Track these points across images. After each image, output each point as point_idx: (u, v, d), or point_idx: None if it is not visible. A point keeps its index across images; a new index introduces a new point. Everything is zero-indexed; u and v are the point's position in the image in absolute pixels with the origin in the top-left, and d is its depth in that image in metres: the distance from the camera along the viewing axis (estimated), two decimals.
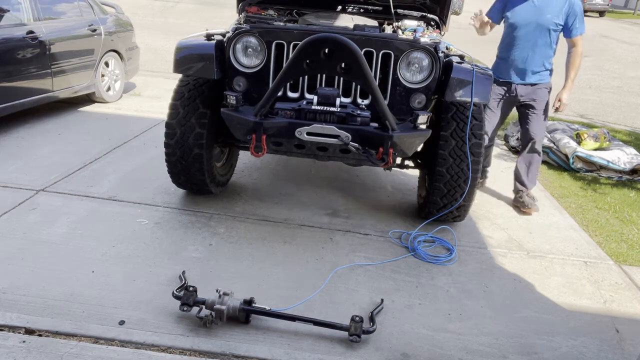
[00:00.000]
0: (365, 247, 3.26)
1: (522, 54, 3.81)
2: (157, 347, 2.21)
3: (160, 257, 2.91)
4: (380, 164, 3.04)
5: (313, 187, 4.19)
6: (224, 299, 2.36)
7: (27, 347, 2.12)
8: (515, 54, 3.83)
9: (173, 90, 3.38)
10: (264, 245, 3.16)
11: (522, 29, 3.76)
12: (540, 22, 3.71)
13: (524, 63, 3.82)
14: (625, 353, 2.50)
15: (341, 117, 2.93)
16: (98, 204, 3.49)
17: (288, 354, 2.24)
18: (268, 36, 3.04)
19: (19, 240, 2.94)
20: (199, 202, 3.65)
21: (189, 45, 3.18)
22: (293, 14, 3.83)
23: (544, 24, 3.70)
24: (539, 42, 3.76)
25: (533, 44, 3.77)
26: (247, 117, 2.93)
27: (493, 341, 2.47)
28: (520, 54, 3.81)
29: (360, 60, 2.72)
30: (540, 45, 3.76)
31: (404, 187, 4.38)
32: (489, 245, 3.45)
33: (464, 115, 3.24)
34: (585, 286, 3.07)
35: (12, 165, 4.00)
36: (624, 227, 3.97)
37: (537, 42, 3.76)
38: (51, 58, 5.11)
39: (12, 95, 4.70)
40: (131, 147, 4.68)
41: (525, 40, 3.78)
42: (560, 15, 3.71)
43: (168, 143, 3.34)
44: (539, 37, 3.74)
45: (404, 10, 3.99)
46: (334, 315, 2.49)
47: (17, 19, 4.83)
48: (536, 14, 3.71)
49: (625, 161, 5.17)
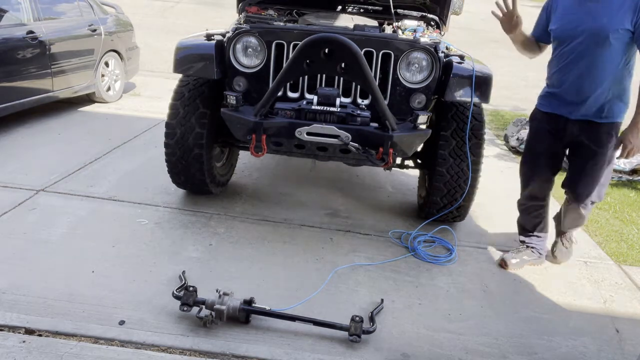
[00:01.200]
0: (365, 247, 3.26)
1: (574, 78, 2.76)
2: (157, 347, 2.21)
3: (160, 257, 2.91)
4: (380, 164, 3.04)
5: (313, 187, 4.19)
6: (224, 299, 2.36)
7: (27, 347, 2.11)
8: (565, 78, 2.81)
9: (173, 90, 3.38)
10: (264, 245, 3.16)
11: (570, 42, 2.73)
12: (595, 30, 2.63)
13: (577, 91, 2.76)
14: (625, 353, 2.50)
15: (341, 117, 2.93)
16: (98, 204, 3.49)
17: (288, 354, 2.24)
18: (268, 36, 3.04)
19: (19, 240, 2.94)
20: (199, 202, 3.65)
21: (189, 45, 3.18)
22: (293, 14, 3.83)
23: (600, 31, 2.61)
24: (598, 60, 2.67)
25: (590, 62, 2.69)
26: (247, 117, 2.93)
27: (493, 341, 2.47)
28: (571, 79, 2.77)
29: (360, 60, 2.72)
30: (600, 64, 2.67)
31: (404, 187, 4.38)
32: (489, 245, 3.45)
33: (464, 115, 3.24)
34: (585, 286, 3.07)
35: (12, 165, 4.00)
36: (624, 227, 3.97)
37: (596, 60, 2.67)
38: (51, 58, 5.11)
39: (12, 95, 4.71)
40: (131, 147, 4.68)
41: (577, 58, 2.72)
42: (627, 17, 2.58)
43: (168, 143, 3.34)
44: (597, 51, 2.65)
45: (404, 10, 3.99)
46: (334, 315, 2.49)
47: (17, 19, 4.83)
48: (589, 18, 2.65)
49: (625, 161, 5.17)
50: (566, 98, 2.83)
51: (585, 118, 2.80)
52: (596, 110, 2.77)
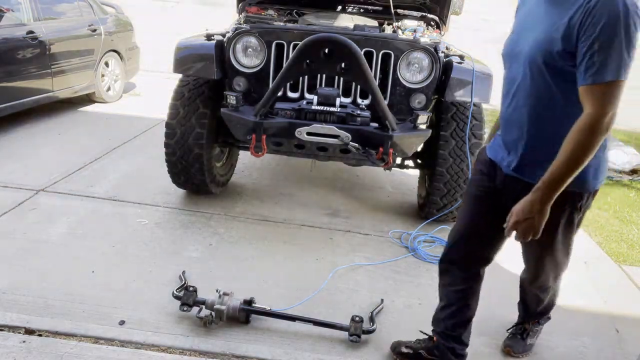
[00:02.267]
0: (365, 247, 3.26)
1: (510, 116, 1.82)
2: (157, 347, 2.21)
3: (160, 257, 2.91)
4: (380, 164, 3.04)
5: (313, 187, 4.19)
6: (224, 299, 2.36)
7: (27, 347, 2.11)
8: (502, 115, 1.89)
9: (173, 90, 3.38)
10: (264, 245, 3.16)
11: (509, 65, 1.84)
12: (529, 52, 1.68)
13: (512, 136, 1.82)
14: (625, 353, 2.50)
15: (341, 117, 2.93)
16: (98, 204, 3.49)
17: (288, 354, 2.24)
18: (268, 36, 3.04)
19: (19, 240, 2.94)
20: (199, 202, 3.65)
21: (189, 45, 3.18)
22: (293, 14, 3.83)
23: (534, 53, 1.66)
24: (535, 94, 1.70)
25: (525, 96, 1.74)
26: (247, 117, 2.93)
27: (493, 341, 2.47)
28: (507, 117, 1.85)
29: (360, 61, 2.72)
30: (536, 100, 1.70)
31: (404, 187, 4.38)
32: None
33: (464, 115, 3.25)
34: (585, 286, 3.07)
35: (12, 165, 4.00)
36: (624, 227, 3.97)
37: (530, 92, 1.71)
38: (51, 58, 5.11)
39: (12, 95, 4.71)
40: (131, 147, 4.68)
41: (514, 90, 1.79)
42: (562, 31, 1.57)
43: (168, 143, 3.34)
44: (531, 81, 1.69)
45: (404, 10, 3.99)
46: (334, 315, 2.49)
47: (17, 19, 4.83)
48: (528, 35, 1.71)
49: (625, 161, 5.18)
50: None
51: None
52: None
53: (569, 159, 1.55)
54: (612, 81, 1.50)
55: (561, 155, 1.57)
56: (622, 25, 1.47)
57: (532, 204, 1.64)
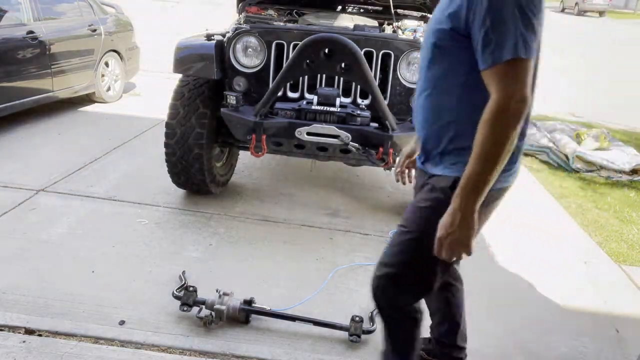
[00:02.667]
0: (365, 247, 3.26)
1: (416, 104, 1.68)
2: (157, 347, 2.21)
3: (160, 257, 2.91)
4: (380, 164, 3.04)
5: (313, 187, 4.19)
6: (224, 299, 2.36)
7: (27, 347, 2.11)
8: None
9: (173, 90, 3.38)
10: (264, 245, 3.16)
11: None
12: (426, 34, 1.59)
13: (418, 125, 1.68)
14: (625, 353, 2.50)
15: (341, 117, 2.94)
16: (98, 204, 3.49)
17: (288, 354, 2.24)
18: (268, 36, 3.04)
19: (19, 240, 2.94)
20: (199, 202, 3.65)
21: (189, 45, 3.18)
22: (293, 14, 3.83)
23: (428, 35, 1.56)
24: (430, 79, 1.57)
25: (423, 81, 1.62)
26: (247, 117, 2.93)
27: (493, 341, 2.47)
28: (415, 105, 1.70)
29: (360, 61, 2.72)
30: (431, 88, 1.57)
31: (404, 187, 4.36)
32: (489, 245, 3.45)
33: None
34: (585, 286, 3.06)
35: (12, 165, 4.00)
36: (624, 227, 3.97)
37: (426, 76, 1.59)
38: (51, 58, 5.11)
39: (12, 95, 4.70)
40: (131, 147, 4.68)
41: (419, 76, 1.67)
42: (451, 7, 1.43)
43: (168, 143, 3.34)
44: (428, 64, 1.57)
45: (404, 10, 3.99)
46: (334, 315, 2.49)
47: (17, 19, 4.83)
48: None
49: (625, 161, 5.17)
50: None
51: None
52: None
53: (482, 156, 1.35)
54: (512, 59, 1.31)
55: (473, 153, 1.37)
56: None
57: (453, 214, 1.41)
